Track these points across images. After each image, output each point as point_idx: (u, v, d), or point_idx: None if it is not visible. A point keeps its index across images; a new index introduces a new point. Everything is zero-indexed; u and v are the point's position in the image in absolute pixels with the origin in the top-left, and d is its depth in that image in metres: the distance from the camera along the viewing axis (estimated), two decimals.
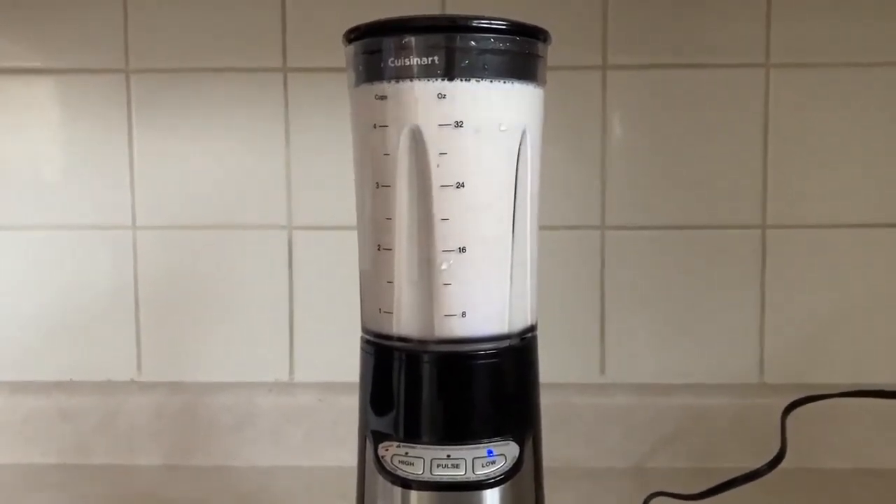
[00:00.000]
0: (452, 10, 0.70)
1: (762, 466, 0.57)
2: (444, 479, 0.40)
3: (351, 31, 0.41)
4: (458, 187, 0.39)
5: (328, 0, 0.71)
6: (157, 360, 0.74)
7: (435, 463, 0.40)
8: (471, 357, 0.41)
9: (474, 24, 0.39)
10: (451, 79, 0.39)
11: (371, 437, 0.42)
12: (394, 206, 0.40)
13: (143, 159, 0.73)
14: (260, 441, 0.72)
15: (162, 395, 0.72)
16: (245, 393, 0.72)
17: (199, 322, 0.74)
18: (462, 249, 0.40)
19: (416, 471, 0.40)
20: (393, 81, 0.39)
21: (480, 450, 0.40)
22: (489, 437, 0.41)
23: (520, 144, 0.41)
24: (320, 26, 0.71)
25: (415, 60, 0.39)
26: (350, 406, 0.70)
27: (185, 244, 0.73)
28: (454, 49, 0.39)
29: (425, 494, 0.40)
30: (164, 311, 0.74)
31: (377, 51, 0.40)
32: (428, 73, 0.39)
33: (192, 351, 0.74)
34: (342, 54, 0.43)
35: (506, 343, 0.41)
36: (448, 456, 0.40)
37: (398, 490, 0.40)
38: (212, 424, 0.72)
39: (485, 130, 0.39)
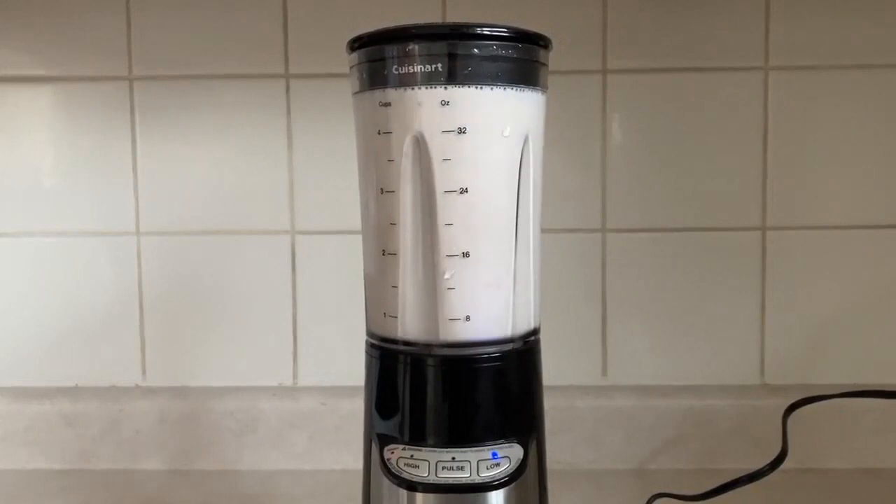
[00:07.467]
0: (452, 16, 0.70)
1: (764, 467, 0.57)
2: (450, 481, 0.40)
3: (355, 39, 0.41)
4: (461, 193, 0.40)
5: (329, 6, 0.71)
6: (161, 365, 0.75)
7: (440, 465, 0.40)
8: (475, 360, 0.41)
9: (477, 32, 0.39)
10: (454, 85, 0.39)
11: (377, 440, 0.42)
12: (398, 211, 0.40)
13: (146, 165, 0.73)
14: (264, 445, 0.72)
15: (166, 399, 0.73)
16: (249, 397, 0.72)
17: (203, 327, 0.74)
18: (466, 254, 0.40)
19: (422, 473, 0.40)
20: (396, 88, 0.40)
21: (485, 452, 0.41)
22: (494, 440, 0.41)
23: (522, 150, 0.41)
24: (322, 32, 0.71)
25: (418, 68, 0.39)
26: (353, 410, 0.70)
27: (188, 250, 0.73)
28: (457, 56, 0.39)
29: (430, 497, 0.40)
30: (168, 316, 0.74)
31: (381, 58, 0.40)
32: (431, 79, 0.39)
33: (196, 356, 0.74)
34: (344, 60, 0.43)
35: (509, 346, 0.42)
36: (453, 458, 0.40)
37: (403, 492, 0.41)
38: (216, 429, 0.72)
39: (488, 136, 0.40)
